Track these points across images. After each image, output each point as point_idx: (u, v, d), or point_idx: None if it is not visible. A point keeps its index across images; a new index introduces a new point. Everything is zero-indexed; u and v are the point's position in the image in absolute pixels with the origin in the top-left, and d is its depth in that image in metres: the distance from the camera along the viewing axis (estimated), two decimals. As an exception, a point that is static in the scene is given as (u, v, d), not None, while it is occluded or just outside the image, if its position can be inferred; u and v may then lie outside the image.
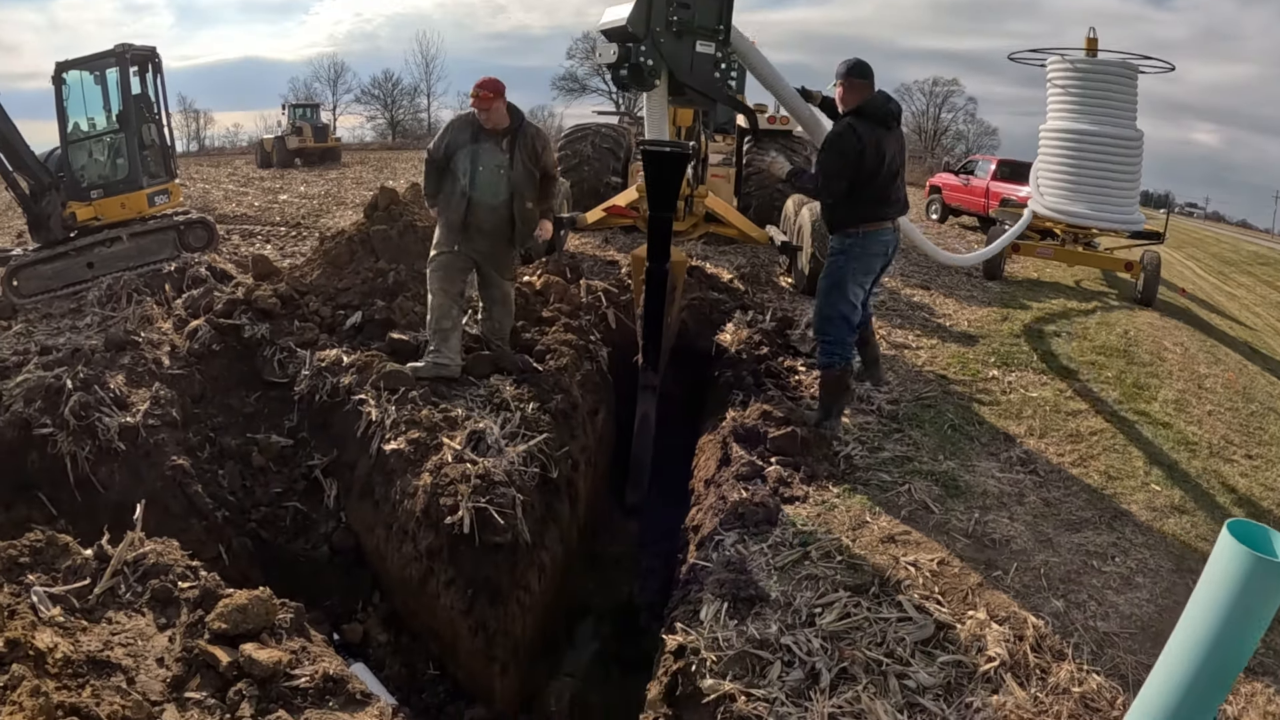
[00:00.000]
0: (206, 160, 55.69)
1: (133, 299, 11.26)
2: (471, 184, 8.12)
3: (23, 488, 7.49)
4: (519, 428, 7.47)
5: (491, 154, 8.12)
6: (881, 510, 6.33)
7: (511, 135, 8.14)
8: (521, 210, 8.28)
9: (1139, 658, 4.72)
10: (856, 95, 7.35)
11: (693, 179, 13.37)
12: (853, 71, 7.36)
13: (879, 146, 7.20)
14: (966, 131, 74.05)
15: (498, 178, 8.13)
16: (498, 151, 8.12)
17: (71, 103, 13.27)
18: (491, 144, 8.12)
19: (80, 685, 4.07)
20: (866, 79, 7.37)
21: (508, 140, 8.12)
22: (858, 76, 7.36)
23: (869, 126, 7.19)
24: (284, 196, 26.37)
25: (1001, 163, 25.48)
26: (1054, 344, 10.79)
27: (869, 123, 7.21)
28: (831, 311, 7.62)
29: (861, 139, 7.12)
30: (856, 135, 7.12)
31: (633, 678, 6.95)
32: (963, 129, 74.42)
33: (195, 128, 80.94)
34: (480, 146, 8.12)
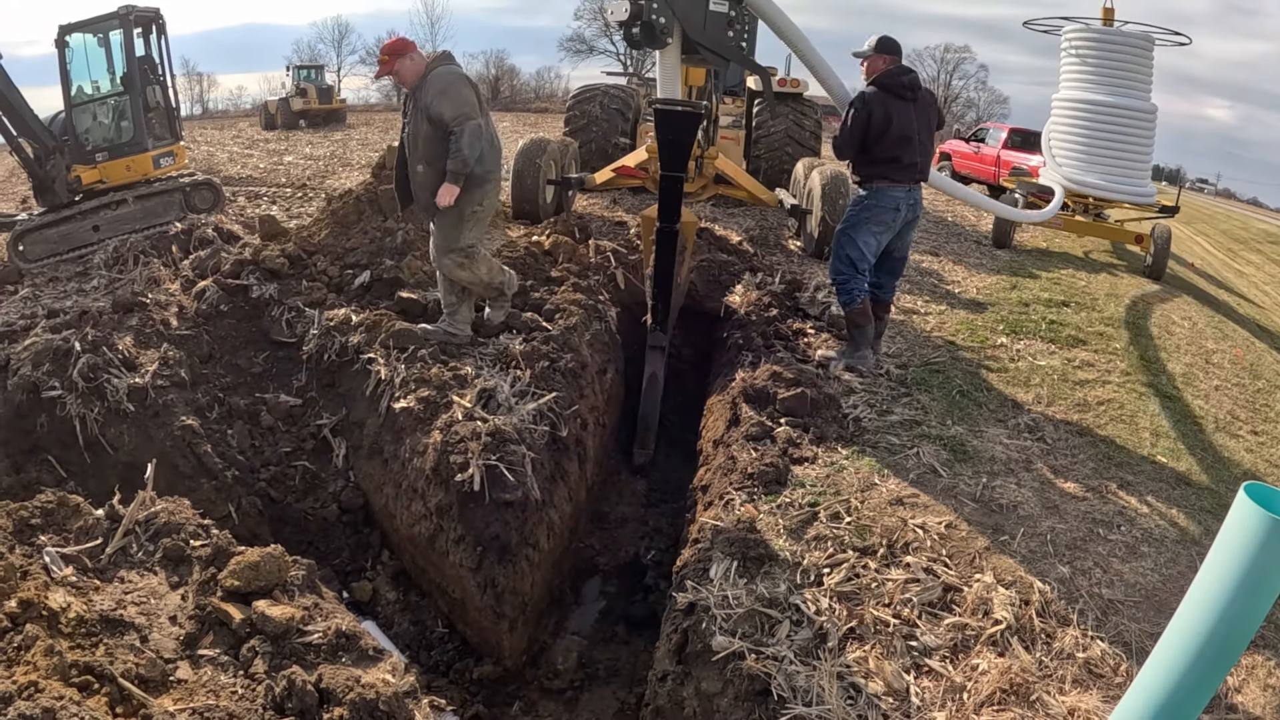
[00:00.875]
0: (210, 123, 55.47)
1: (139, 261, 11.26)
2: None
3: (32, 450, 7.51)
4: (529, 386, 7.49)
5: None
6: (890, 473, 6.33)
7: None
8: (414, 175, 7.78)
9: (1142, 625, 4.72)
10: (882, 66, 7.83)
11: (704, 140, 13.30)
12: (879, 46, 7.84)
13: (888, 114, 7.63)
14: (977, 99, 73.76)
15: (406, 140, 7.80)
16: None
17: (75, 66, 13.22)
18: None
19: (94, 644, 4.08)
20: (890, 54, 7.83)
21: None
22: (887, 51, 7.83)
23: (881, 96, 7.67)
24: (289, 158, 26.31)
25: (1013, 131, 25.35)
26: (1063, 314, 10.74)
27: (882, 92, 7.68)
28: (840, 253, 8.11)
29: (870, 107, 7.62)
30: (865, 103, 7.64)
31: (639, 636, 7.05)
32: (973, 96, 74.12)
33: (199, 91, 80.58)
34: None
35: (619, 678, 6.87)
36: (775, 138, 16.37)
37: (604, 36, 74.34)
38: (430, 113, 7.41)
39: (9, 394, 7.59)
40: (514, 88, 74.33)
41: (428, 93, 7.44)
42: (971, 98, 73.93)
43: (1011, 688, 4.21)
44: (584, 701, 6.72)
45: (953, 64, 73.18)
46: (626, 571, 8.16)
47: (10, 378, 7.69)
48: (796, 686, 4.32)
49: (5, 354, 8.04)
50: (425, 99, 7.43)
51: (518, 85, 75.32)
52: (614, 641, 7.32)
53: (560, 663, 6.98)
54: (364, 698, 3.87)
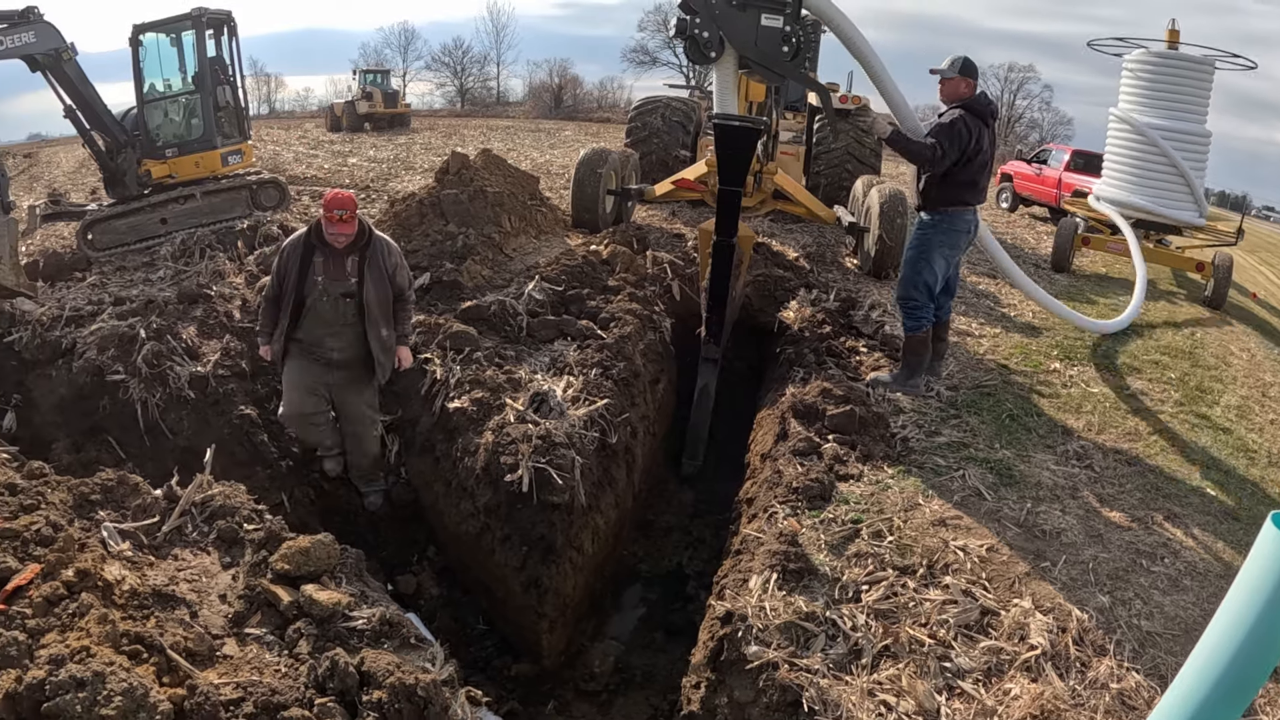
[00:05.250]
0: (277, 123, 56.03)
1: (205, 254, 11.49)
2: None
3: (92, 431, 7.73)
4: (581, 392, 7.58)
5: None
6: (935, 493, 6.32)
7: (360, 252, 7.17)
8: (377, 338, 7.29)
9: (1179, 660, 4.60)
10: (965, 90, 7.78)
11: (763, 155, 13.32)
12: (964, 70, 7.78)
13: (979, 140, 7.61)
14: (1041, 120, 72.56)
15: (350, 303, 7.21)
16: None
17: (148, 64, 13.50)
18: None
19: (145, 616, 4.19)
20: (973, 78, 7.82)
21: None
22: (969, 75, 7.80)
23: (974, 120, 7.62)
24: (353, 160, 26.58)
25: (1076, 153, 24.87)
26: (1118, 340, 10.63)
27: (975, 117, 7.64)
28: (916, 279, 8.00)
29: (970, 131, 7.55)
30: (967, 127, 7.55)
31: (676, 644, 7.06)
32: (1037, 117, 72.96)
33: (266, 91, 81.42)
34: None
35: (654, 684, 6.90)
36: (835, 154, 16.24)
37: (667, 48, 74.32)
38: (394, 279, 7.33)
39: (74, 376, 7.80)
40: (576, 97, 74.39)
41: (389, 257, 7.31)
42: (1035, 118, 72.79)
43: (1043, 714, 4.19)
44: (618, 705, 6.77)
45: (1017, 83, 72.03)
46: (668, 580, 8.19)
47: (76, 360, 7.90)
48: (828, 700, 4.34)
49: (72, 338, 8.26)
50: (385, 262, 7.26)
51: (580, 95, 75.35)
52: (651, 648, 7.36)
53: (597, 665, 7.04)
54: (403, 683, 3.94)
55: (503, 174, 12.79)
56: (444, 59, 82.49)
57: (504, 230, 11.46)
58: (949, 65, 7.80)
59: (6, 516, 4.76)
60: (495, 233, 11.14)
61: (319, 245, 7.08)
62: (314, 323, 7.20)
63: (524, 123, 57.12)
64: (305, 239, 7.14)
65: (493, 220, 11.26)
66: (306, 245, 7.11)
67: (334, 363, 7.32)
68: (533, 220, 12.69)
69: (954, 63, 7.78)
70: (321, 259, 7.09)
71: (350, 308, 7.16)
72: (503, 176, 12.67)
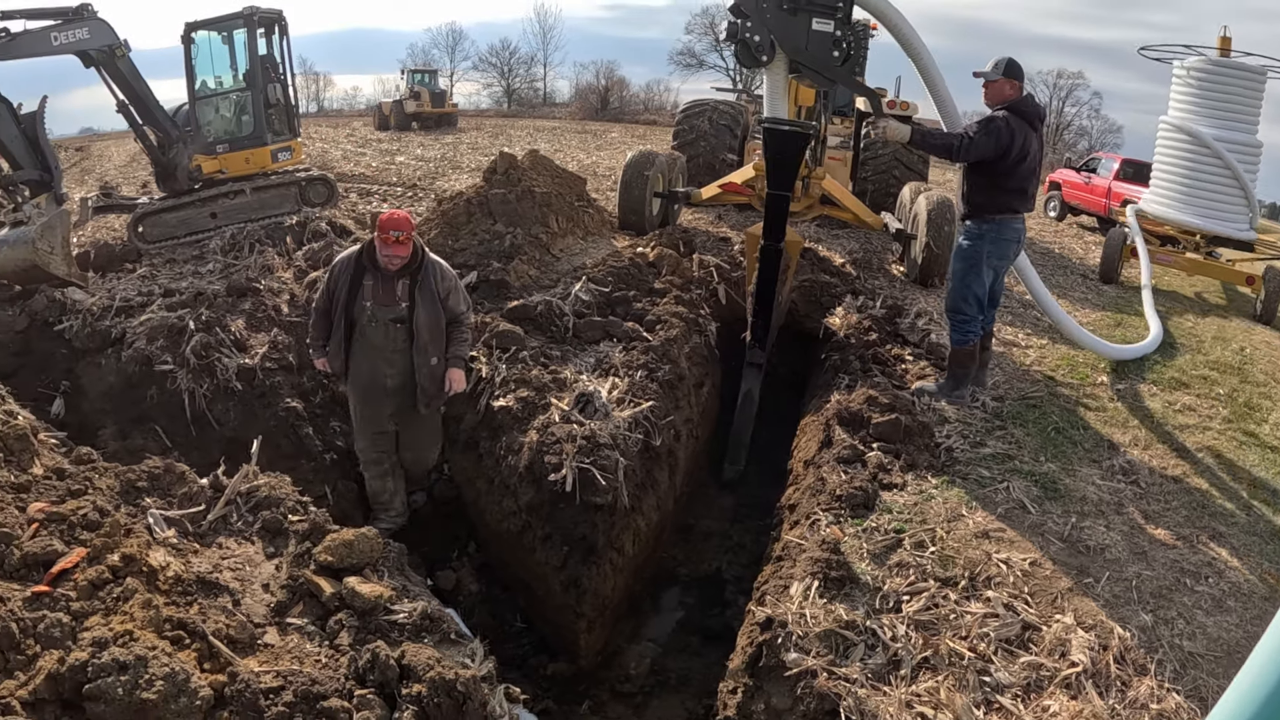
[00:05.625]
0: (325, 121, 56.57)
1: (254, 249, 11.57)
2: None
3: (139, 419, 7.85)
4: (626, 394, 7.59)
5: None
6: (978, 505, 6.25)
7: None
8: (423, 366, 7.15)
9: (1221, 682, 4.55)
10: (1010, 93, 7.60)
11: (811, 160, 13.26)
12: (1009, 71, 7.59)
13: (1025, 143, 7.43)
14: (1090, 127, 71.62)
15: (399, 329, 7.08)
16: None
17: (199, 61, 13.63)
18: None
19: (189, 602, 4.24)
20: (1019, 80, 7.64)
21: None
22: (1014, 76, 7.61)
23: (1020, 123, 7.44)
24: (400, 158, 26.77)
25: (1125, 162, 24.50)
26: (1166, 354, 10.49)
27: (1021, 120, 7.46)
28: (966, 292, 7.84)
29: (1013, 132, 7.36)
30: (1009, 126, 7.36)
31: (713, 649, 7.04)
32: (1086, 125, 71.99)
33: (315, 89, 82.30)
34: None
35: (689, 687, 6.90)
36: (883, 160, 16.20)
37: (714, 51, 74.39)
38: (448, 303, 7.14)
39: (123, 365, 7.91)
40: (623, 99, 74.44)
41: (442, 280, 7.12)
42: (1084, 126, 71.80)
43: (1082, 733, 4.15)
44: (653, 707, 6.77)
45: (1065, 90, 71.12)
46: (707, 584, 8.18)
47: (125, 350, 8.01)
48: (866, 710, 4.32)
49: (121, 327, 8.37)
50: (438, 286, 7.09)
51: (627, 96, 75.43)
52: (688, 652, 7.35)
53: (633, 667, 7.05)
54: (443, 677, 3.95)
55: (550, 174, 12.83)
56: (491, 60, 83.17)
57: (551, 231, 11.50)
58: (992, 67, 7.64)
59: (54, 501, 4.82)
60: (542, 233, 11.19)
61: (370, 267, 6.93)
62: (364, 348, 7.07)
63: (570, 124, 57.24)
64: (356, 259, 6.98)
65: (540, 220, 11.30)
66: (357, 266, 6.96)
67: (390, 389, 7.18)
68: (580, 221, 12.71)
69: (997, 64, 7.62)
70: (371, 282, 6.95)
71: (401, 333, 7.01)
72: (550, 177, 12.71)
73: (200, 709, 3.53)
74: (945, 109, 8.36)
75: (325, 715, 3.72)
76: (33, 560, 4.16)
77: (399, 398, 7.23)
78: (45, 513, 4.60)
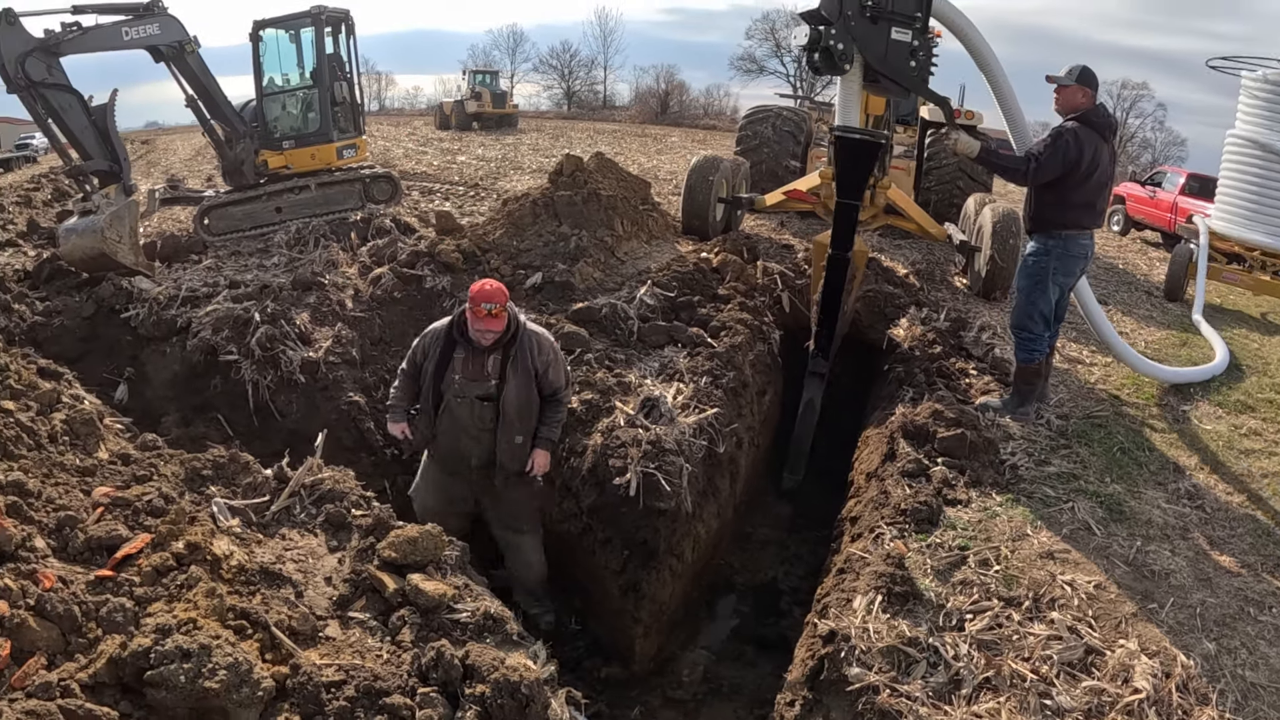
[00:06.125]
0: (386, 120, 57.29)
1: (319, 244, 11.69)
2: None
3: (202, 407, 7.97)
4: (691, 400, 7.55)
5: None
6: (1043, 525, 6.15)
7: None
8: (507, 445, 6.57)
9: None
10: (1083, 101, 7.37)
11: (878, 169, 13.15)
12: (1083, 78, 7.37)
13: (1096, 156, 7.21)
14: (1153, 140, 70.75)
15: (485, 405, 6.51)
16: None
17: (267, 58, 13.91)
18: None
19: (251, 592, 4.24)
20: (1092, 88, 7.40)
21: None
22: (1088, 84, 7.38)
23: (1090, 134, 7.20)
24: (461, 158, 26.92)
25: (1191, 176, 24.14)
26: (1232, 377, 10.25)
27: (1091, 131, 7.23)
28: (1032, 309, 7.66)
29: (1082, 144, 7.13)
30: (1078, 139, 7.13)
31: (766, 659, 7.02)
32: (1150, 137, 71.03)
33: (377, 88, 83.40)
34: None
35: (741, 696, 6.86)
36: (947, 170, 16.00)
37: (774, 57, 74.44)
38: (545, 378, 6.52)
39: (188, 353, 8.01)
40: (682, 103, 74.64)
41: (539, 354, 6.48)
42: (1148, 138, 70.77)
43: (1142, 761, 4.06)
44: (704, 715, 6.75)
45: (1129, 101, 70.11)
46: (762, 593, 8.15)
47: (190, 339, 8.09)
48: (926, 729, 4.22)
49: (187, 317, 8.46)
50: (535, 361, 6.46)
51: (686, 101, 75.63)
52: (741, 660, 7.31)
53: (686, 674, 7.03)
54: (507, 679, 3.91)
55: (615, 177, 12.83)
56: (551, 62, 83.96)
57: (616, 234, 11.48)
58: (1066, 73, 7.42)
59: (119, 485, 4.84)
60: (607, 236, 11.18)
61: (461, 339, 6.42)
62: (450, 423, 6.54)
63: (630, 127, 57.44)
64: (447, 333, 6.47)
65: (605, 223, 11.30)
66: (448, 339, 6.45)
67: (474, 467, 6.65)
68: (644, 225, 12.69)
69: (1071, 71, 7.40)
70: (462, 355, 6.42)
71: (488, 411, 6.45)
72: (615, 180, 12.70)
73: (261, 700, 3.53)
74: (1015, 123, 8.22)
75: (387, 711, 3.70)
76: (97, 544, 4.19)
77: (482, 476, 6.69)
78: (110, 497, 4.63)
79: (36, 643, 3.45)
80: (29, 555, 3.84)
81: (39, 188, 19.49)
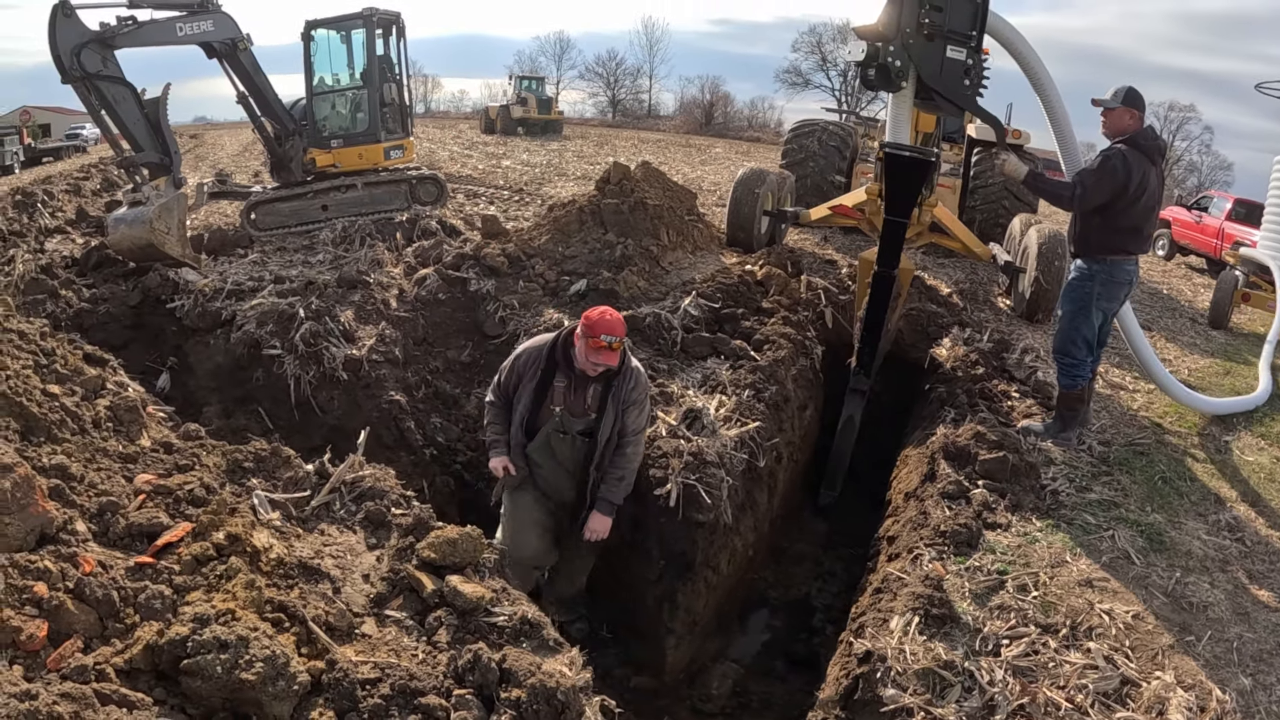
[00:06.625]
0: (432, 122, 57.65)
1: (365, 243, 11.79)
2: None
3: (244, 400, 8.06)
4: (733, 412, 7.51)
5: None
6: (1082, 552, 6.10)
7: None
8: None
9: None
10: (1130, 123, 7.26)
11: (925, 187, 13.09)
12: (1129, 100, 7.26)
13: (1144, 179, 7.10)
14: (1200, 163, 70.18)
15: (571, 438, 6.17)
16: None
17: (318, 58, 14.08)
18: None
19: (289, 586, 4.22)
20: (1140, 110, 7.29)
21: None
22: (1135, 106, 7.26)
23: (1139, 157, 7.10)
24: (506, 162, 27.05)
25: (1238, 202, 23.87)
26: (1276, 407, 10.13)
27: (1139, 154, 7.12)
28: (1075, 335, 7.59)
29: (1130, 168, 7.02)
30: (1126, 163, 7.03)
31: (797, 675, 7.00)
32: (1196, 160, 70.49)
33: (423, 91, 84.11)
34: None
35: (770, 712, 6.83)
36: (993, 189, 15.87)
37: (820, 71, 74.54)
38: (625, 415, 6.06)
39: (231, 346, 8.09)
40: (727, 114, 74.96)
41: (634, 390, 6.07)
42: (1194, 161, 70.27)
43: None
44: (732, 729, 6.68)
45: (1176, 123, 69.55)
46: (795, 609, 8.10)
47: (234, 332, 8.17)
48: (960, 753, 4.17)
49: (232, 310, 8.56)
50: (628, 396, 6.04)
51: (731, 112, 75.97)
52: (771, 675, 7.28)
53: (715, 687, 6.99)
54: (544, 684, 3.89)
55: (661, 187, 12.84)
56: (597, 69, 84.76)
57: (661, 243, 11.48)
58: (1112, 95, 7.32)
59: (161, 474, 4.85)
60: (653, 245, 11.18)
61: (563, 365, 5.96)
62: (546, 457, 6.14)
63: (674, 137, 57.64)
64: (549, 355, 5.99)
65: (651, 232, 11.30)
66: (549, 363, 5.98)
67: (568, 504, 6.33)
68: (689, 235, 12.69)
69: (1117, 93, 7.30)
70: (564, 384, 5.99)
71: (585, 447, 6.07)
72: (661, 189, 12.71)
73: (296, 693, 3.51)
74: (1066, 144, 8.15)
75: (422, 711, 3.68)
76: (137, 531, 4.20)
77: (570, 513, 6.35)
78: (152, 485, 4.64)
79: (74, 625, 3.45)
80: (69, 539, 3.84)
81: (88, 177, 19.72)
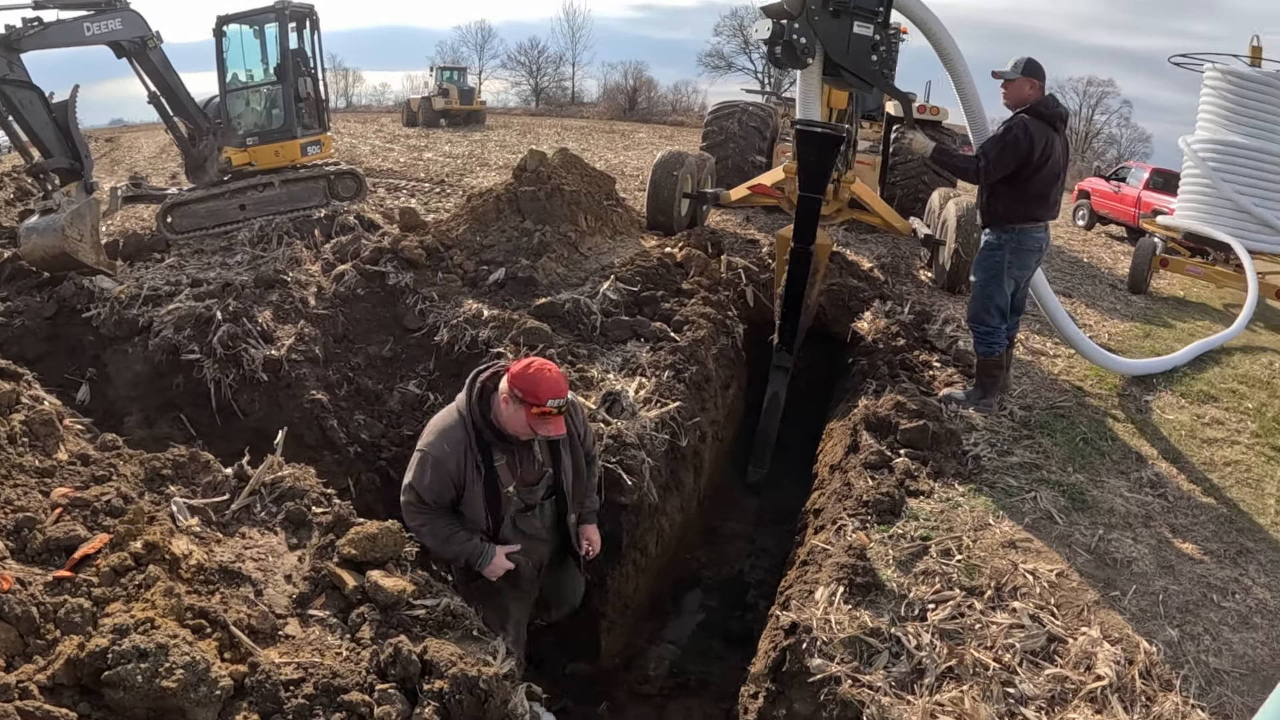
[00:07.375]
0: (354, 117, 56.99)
1: (283, 241, 11.67)
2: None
3: (165, 407, 7.95)
4: (653, 394, 7.56)
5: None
6: (1005, 514, 6.22)
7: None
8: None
9: (1246, 699, 4.54)
10: (1030, 93, 7.38)
11: (841, 164, 13.17)
12: (1028, 70, 7.37)
13: (1047, 147, 7.22)
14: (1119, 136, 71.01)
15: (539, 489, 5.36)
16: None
17: (231, 54, 13.84)
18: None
19: (210, 591, 4.22)
20: (1039, 79, 7.40)
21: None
22: (1035, 76, 7.38)
23: (1041, 126, 7.22)
24: (428, 155, 26.87)
25: (1155, 171, 24.38)
26: (1194, 367, 10.36)
27: (1041, 122, 7.24)
28: (988, 303, 7.75)
29: (1033, 136, 7.14)
30: (1029, 131, 7.15)
31: (733, 652, 7.02)
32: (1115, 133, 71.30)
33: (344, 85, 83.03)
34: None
35: (709, 691, 6.88)
36: (912, 166, 16.08)
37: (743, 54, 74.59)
38: (585, 442, 5.53)
39: (149, 353, 7.99)
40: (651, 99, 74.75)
41: (579, 416, 5.48)
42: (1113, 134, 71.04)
43: (1106, 749, 4.09)
44: (671, 710, 6.76)
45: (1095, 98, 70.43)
46: (729, 587, 8.16)
47: (152, 338, 8.06)
48: (889, 718, 4.30)
49: (149, 316, 8.44)
50: (578, 427, 5.41)
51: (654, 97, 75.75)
52: (708, 655, 7.33)
53: (652, 669, 7.04)
54: (465, 674, 3.91)
55: (579, 173, 12.83)
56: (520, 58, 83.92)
57: (580, 229, 11.50)
58: (1011, 67, 7.43)
59: (78, 486, 4.81)
60: (571, 231, 11.19)
61: (495, 440, 4.98)
62: (518, 540, 5.27)
63: (598, 123, 57.43)
64: (477, 445, 4.95)
65: (569, 219, 11.31)
66: (479, 446, 4.95)
67: (545, 563, 5.63)
68: (608, 220, 12.71)
69: (1016, 64, 7.42)
70: (506, 459, 5.07)
71: (552, 507, 5.40)
72: (579, 176, 12.70)
73: (219, 698, 3.51)
74: (975, 120, 8.24)
75: (346, 708, 3.69)
76: (55, 545, 4.16)
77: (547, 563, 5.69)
78: (69, 498, 4.59)
79: (-6, 645, 3.44)
80: (-13, 557, 3.83)
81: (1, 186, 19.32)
